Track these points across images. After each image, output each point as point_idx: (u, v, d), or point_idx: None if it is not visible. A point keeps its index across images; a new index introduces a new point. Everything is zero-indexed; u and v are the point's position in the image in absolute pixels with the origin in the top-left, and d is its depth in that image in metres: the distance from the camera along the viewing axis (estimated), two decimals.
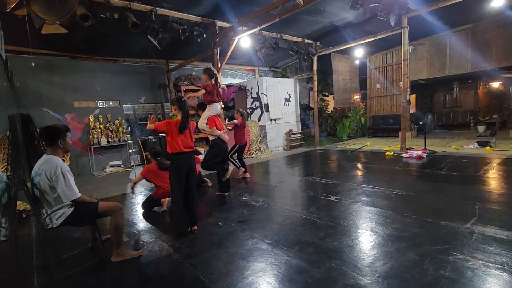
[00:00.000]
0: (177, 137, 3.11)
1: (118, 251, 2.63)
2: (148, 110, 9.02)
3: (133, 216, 3.87)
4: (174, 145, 3.10)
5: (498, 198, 3.59)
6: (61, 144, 2.44)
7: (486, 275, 2.00)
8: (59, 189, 2.31)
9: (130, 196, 4.98)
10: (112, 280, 2.34)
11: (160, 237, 3.11)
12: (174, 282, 2.22)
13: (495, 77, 11.07)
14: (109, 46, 7.08)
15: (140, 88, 8.52)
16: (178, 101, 3.16)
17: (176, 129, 3.10)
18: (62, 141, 2.45)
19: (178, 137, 3.11)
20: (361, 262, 2.29)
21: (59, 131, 2.45)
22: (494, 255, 2.23)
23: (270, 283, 2.09)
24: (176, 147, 3.09)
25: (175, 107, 3.18)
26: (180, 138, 3.12)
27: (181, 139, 3.13)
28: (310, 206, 3.78)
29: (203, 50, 7.27)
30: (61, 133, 2.45)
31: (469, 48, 8.61)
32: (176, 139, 3.11)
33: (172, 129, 3.11)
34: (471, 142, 7.49)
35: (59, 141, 2.43)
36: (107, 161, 7.75)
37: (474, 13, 7.41)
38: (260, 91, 9.00)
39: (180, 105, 3.15)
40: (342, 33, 8.00)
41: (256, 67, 11.34)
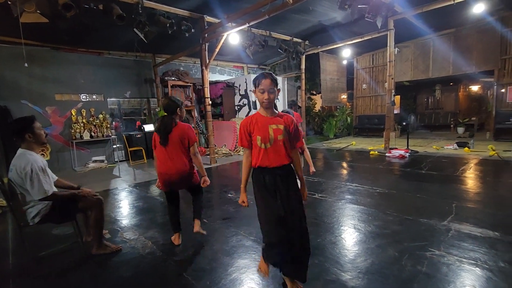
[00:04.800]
0: (164, 152, 2.50)
1: (98, 244, 2.62)
2: (133, 105, 8.83)
3: (116, 213, 3.80)
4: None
5: (474, 197, 3.75)
6: (29, 137, 2.29)
7: (460, 270, 2.09)
8: (28, 186, 2.21)
9: (113, 192, 4.87)
10: (93, 278, 2.29)
11: (143, 234, 3.06)
12: (157, 279, 2.20)
13: (475, 80, 11.50)
14: (94, 38, 6.85)
15: (126, 82, 8.31)
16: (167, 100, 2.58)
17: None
18: (30, 134, 2.29)
19: (164, 152, 2.50)
20: (343, 258, 2.34)
21: (23, 124, 2.28)
22: (468, 251, 2.33)
23: (253, 280, 2.11)
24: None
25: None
26: (166, 154, 2.49)
27: (168, 155, 2.49)
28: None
29: (191, 45, 7.17)
30: (26, 126, 2.28)
31: (452, 51, 8.89)
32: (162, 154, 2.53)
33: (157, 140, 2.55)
34: (451, 143, 7.77)
35: (26, 134, 2.27)
36: (90, 157, 7.55)
37: (457, 18, 7.65)
38: (248, 88, 8.99)
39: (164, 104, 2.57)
40: (330, 33, 8.08)
41: (245, 64, 11.29)
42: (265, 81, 1.77)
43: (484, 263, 2.15)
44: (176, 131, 2.48)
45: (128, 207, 4.05)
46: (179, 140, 2.49)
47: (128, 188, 5.12)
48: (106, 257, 2.56)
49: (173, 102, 2.54)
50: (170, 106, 2.53)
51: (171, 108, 2.53)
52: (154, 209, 3.90)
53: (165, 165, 2.50)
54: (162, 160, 2.51)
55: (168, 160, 2.49)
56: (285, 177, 1.87)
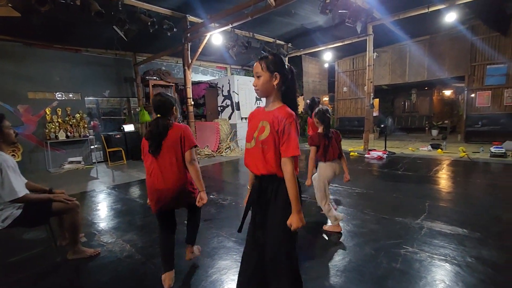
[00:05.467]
0: (155, 162, 1.98)
1: (75, 249, 2.52)
2: (113, 104, 8.57)
3: (93, 216, 3.67)
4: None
5: (445, 196, 3.95)
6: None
7: (431, 266, 2.19)
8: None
9: (90, 194, 4.71)
10: (68, 283, 2.21)
11: (121, 237, 2.98)
12: (135, 283, 2.15)
13: (448, 85, 12.11)
14: (70, 35, 6.60)
15: (104, 80, 8.06)
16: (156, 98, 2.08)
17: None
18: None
19: (155, 163, 1.98)
20: (322, 258, 2.40)
21: None
22: (439, 248, 2.45)
23: (234, 280, 2.11)
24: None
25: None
26: (158, 164, 1.97)
27: (160, 166, 1.96)
28: None
29: (173, 44, 7.07)
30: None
31: (426, 57, 9.32)
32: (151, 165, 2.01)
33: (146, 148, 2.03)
34: (425, 145, 8.12)
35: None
36: (65, 157, 7.24)
37: (431, 25, 8.02)
38: (231, 89, 8.97)
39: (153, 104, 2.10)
40: (313, 36, 8.25)
41: (228, 65, 11.28)
42: (255, 65, 1.45)
43: (453, 259, 2.27)
44: (171, 135, 1.96)
45: (106, 210, 3.93)
46: (175, 145, 1.96)
47: (106, 190, 4.97)
48: (82, 262, 2.47)
49: (167, 99, 2.04)
50: (164, 105, 2.03)
51: (165, 107, 2.03)
52: (132, 212, 3.81)
53: (156, 178, 1.95)
54: (153, 173, 1.97)
55: (160, 173, 1.95)
56: (262, 193, 1.47)
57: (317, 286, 2.01)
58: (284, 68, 1.43)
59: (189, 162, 2.01)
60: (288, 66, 1.48)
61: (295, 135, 1.35)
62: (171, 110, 2.05)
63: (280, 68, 1.42)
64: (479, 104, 8.70)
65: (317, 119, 2.81)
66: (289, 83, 1.46)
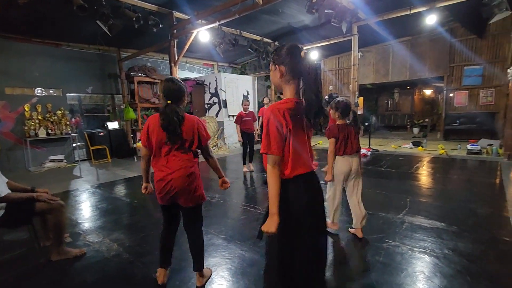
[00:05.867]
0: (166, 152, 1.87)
1: (59, 250, 2.46)
2: (96, 101, 8.33)
3: (77, 215, 3.59)
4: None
5: (425, 191, 4.13)
6: None
7: (411, 258, 2.31)
8: None
9: (74, 193, 4.59)
10: (52, 285, 2.17)
11: (108, 236, 2.94)
12: (123, 282, 2.14)
13: (428, 85, 12.55)
14: (51, 28, 6.36)
15: (87, 76, 7.82)
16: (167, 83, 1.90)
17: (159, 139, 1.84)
18: None
19: (165, 152, 1.87)
20: None
21: None
22: (419, 241, 2.58)
23: (223, 277, 2.14)
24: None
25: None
26: (168, 154, 1.87)
27: (170, 156, 1.87)
28: (265, 202, 3.91)
29: (159, 40, 6.95)
30: None
31: (408, 58, 9.62)
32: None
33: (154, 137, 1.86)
34: (407, 142, 8.41)
35: None
36: (46, 156, 7.00)
37: (413, 27, 8.28)
38: (218, 86, 8.94)
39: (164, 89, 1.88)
40: (299, 35, 8.32)
41: (215, 62, 11.20)
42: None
43: (432, 251, 2.39)
44: (186, 125, 1.85)
45: (91, 209, 3.85)
46: (187, 136, 1.86)
47: (91, 189, 4.86)
48: (67, 262, 2.42)
49: (180, 86, 1.89)
50: (175, 92, 1.86)
51: (178, 94, 1.87)
52: (119, 211, 3.76)
53: (167, 167, 1.86)
54: (162, 162, 1.87)
55: (172, 162, 1.86)
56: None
57: None
58: (288, 59, 1.29)
59: (209, 156, 1.99)
60: (298, 55, 1.28)
61: (267, 132, 1.25)
62: (182, 98, 1.91)
63: (283, 60, 1.30)
64: (457, 103, 9.08)
65: (339, 112, 2.63)
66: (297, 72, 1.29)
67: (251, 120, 5.71)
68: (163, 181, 1.85)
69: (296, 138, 1.29)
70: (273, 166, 1.25)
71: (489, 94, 8.51)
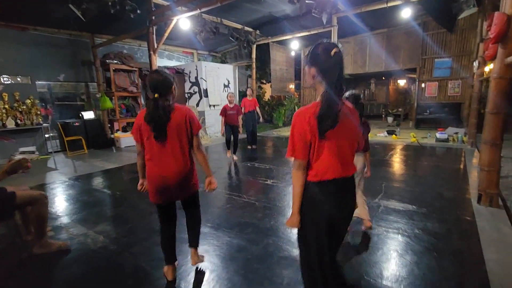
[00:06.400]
0: (158, 148, 1.81)
1: (42, 243, 2.42)
2: (68, 89, 7.92)
3: (57, 209, 3.50)
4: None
5: (398, 177, 4.43)
6: None
7: (386, 238, 2.51)
8: None
9: (50, 186, 4.43)
10: (39, 279, 2.15)
11: (92, 228, 2.91)
12: (112, 272, 2.17)
13: (402, 76, 13.10)
14: (16, 11, 5.90)
15: (58, 63, 7.39)
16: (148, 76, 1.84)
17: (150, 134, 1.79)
18: None
19: (158, 148, 1.81)
20: (293, 237, 2.60)
21: None
22: (393, 223, 2.80)
23: (213, 263, 2.23)
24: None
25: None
26: (161, 150, 1.81)
27: (164, 152, 1.82)
28: (249, 190, 4.02)
29: (136, 27, 6.67)
30: None
31: (384, 49, 9.96)
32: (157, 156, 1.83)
33: (144, 133, 1.81)
34: (382, 131, 8.82)
35: None
36: (16, 147, 6.60)
37: (389, 20, 8.55)
38: (199, 75, 8.79)
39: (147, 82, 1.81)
40: (280, 24, 8.34)
41: (195, 50, 10.95)
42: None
43: (404, 231, 2.62)
44: (175, 118, 1.78)
45: (71, 202, 3.75)
46: (178, 129, 1.79)
47: (69, 181, 4.70)
48: (51, 256, 2.39)
49: (166, 77, 1.80)
50: (163, 84, 1.78)
51: (165, 86, 1.79)
52: (101, 203, 3.70)
53: (160, 165, 1.81)
54: (155, 159, 1.82)
55: (164, 158, 1.81)
56: None
57: (289, 258, 2.20)
58: (318, 59, 1.26)
59: (197, 148, 1.91)
60: (327, 54, 1.24)
61: (291, 137, 1.28)
62: (170, 89, 1.82)
63: (313, 61, 1.28)
64: (428, 94, 9.60)
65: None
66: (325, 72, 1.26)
67: (236, 114, 5.73)
68: (159, 177, 1.81)
69: (325, 143, 1.25)
70: (297, 169, 1.28)
71: (456, 86, 9.07)
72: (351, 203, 1.38)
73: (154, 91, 1.76)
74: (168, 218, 2.01)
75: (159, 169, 1.81)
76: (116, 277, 2.11)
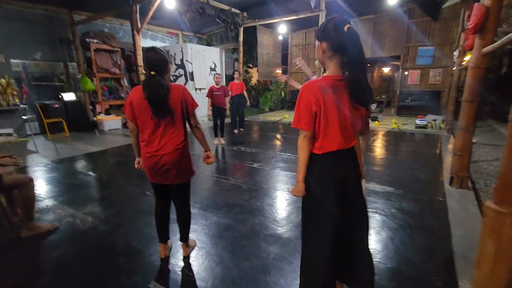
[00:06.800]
0: (154, 126, 1.80)
1: (30, 225, 2.43)
2: (45, 69, 7.55)
3: (42, 191, 3.45)
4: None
5: (379, 161, 4.64)
6: None
7: None
8: None
9: (33, 169, 4.34)
10: (30, 260, 2.17)
11: (80, 210, 2.92)
12: (104, 251, 2.22)
13: (386, 63, 13.33)
14: None
15: (35, 41, 7.00)
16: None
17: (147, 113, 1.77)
18: None
19: (153, 126, 1.80)
20: (279, 216, 2.74)
21: None
22: (372, 203, 2.98)
23: (202, 241, 2.32)
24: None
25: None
26: (157, 129, 1.81)
27: (160, 131, 1.81)
28: (236, 173, 4.11)
29: (118, 4, 6.39)
30: None
31: (370, 36, 10.04)
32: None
33: (141, 111, 1.78)
34: None
35: None
36: None
37: (376, 6, 8.61)
38: (184, 58, 8.60)
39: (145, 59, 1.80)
40: (268, 7, 8.21)
41: (180, 31, 10.62)
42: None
43: (382, 211, 2.81)
44: (172, 97, 1.77)
45: (56, 184, 3.71)
46: (174, 108, 1.79)
47: (52, 164, 4.61)
48: (40, 237, 2.41)
49: (163, 56, 1.77)
50: (159, 62, 1.75)
51: (162, 65, 1.76)
52: (88, 185, 3.68)
53: (155, 143, 1.81)
54: (150, 138, 1.81)
55: (160, 137, 1.80)
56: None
57: (274, 236, 2.33)
58: (330, 34, 1.26)
59: (195, 126, 1.94)
60: (340, 30, 1.23)
61: (297, 108, 1.31)
62: (166, 68, 1.80)
63: (324, 35, 1.28)
64: (410, 81, 9.86)
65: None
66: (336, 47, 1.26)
67: (222, 94, 5.70)
68: (154, 157, 1.81)
69: (330, 115, 1.27)
70: (303, 138, 1.32)
71: (438, 74, 9.36)
72: (355, 171, 1.39)
73: (150, 68, 1.73)
74: (162, 196, 2.04)
75: (154, 148, 1.81)
76: (107, 255, 2.17)
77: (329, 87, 1.25)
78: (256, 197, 3.19)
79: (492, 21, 2.71)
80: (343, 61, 1.27)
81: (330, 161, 1.32)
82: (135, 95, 1.76)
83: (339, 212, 1.33)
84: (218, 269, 1.97)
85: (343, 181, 1.33)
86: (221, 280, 1.85)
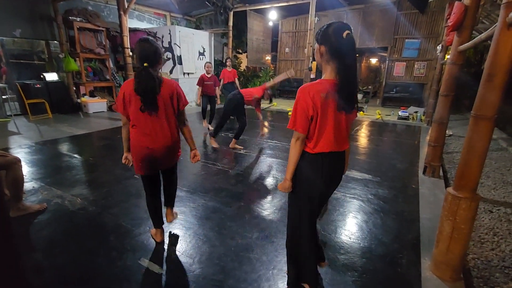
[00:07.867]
0: (146, 120, 1.80)
1: (19, 206, 2.47)
2: (24, 47, 7.24)
3: (28, 173, 3.45)
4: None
5: (361, 150, 4.85)
6: None
7: (344, 202, 2.88)
8: None
9: (16, 151, 4.28)
10: (20, 239, 2.23)
11: (68, 191, 2.97)
12: (95, 230, 2.30)
13: (374, 54, 13.50)
14: None
15: (14, 17, 6.65)
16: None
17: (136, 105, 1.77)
18: None
19: (145, 120, 1.80)
20: (263, 200, 2.89)
21: None
22: (351, 189, 3.18)
23: (190, 222, 2.45)
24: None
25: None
26: (149, 122, 1.81)
27: (152, 124, 1.82)
28: (223, 159, 4.21)
29: None
30: None
31: (360, 26, 10.12)
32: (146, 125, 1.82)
33: (131, 102, 1.78)
34: None
35: None
36: None
37: None
38: (172, 41, 8.43)
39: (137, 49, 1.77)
40: None
41: (168, 12, 10.31)
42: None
43: (359, 196, 3.01)
44: (164, 91, 1.78)
45: (41, 166, 3.70)
46: (166, 102, 1.81)
47: (36, 146, 4.55)
48: (30, 217, 2.45)
49: (157, 47, 1.77)
50: (152, 54, 1.75)
51: (155, 57, 1.77)
52: (75, 167, 3.70)
53: (148, 137, 1.82)
54: (142, 131, 1.81)
55: (153, 130, 1.81)
56: None
57: (258, 218, 2.48)
58: (329, 39, 1.29)
59: (183, 123, 1.99)
60: (339, 35, 1.27)
61: (294, 110, 1.36)
62: (159, 60, 1.81)
63: (324, 39, 1.31)
64: (396, 73, 10.10)
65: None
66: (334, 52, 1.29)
67: (213, 84, 5.72)
68: (146, 150, 1.83)
69: (325, 120, 1.34)
70: (296, 140, 1.38)
71: (422, 67, 9.63)
72: (340, 172, 1.53)
73: (143, 60, 1.73)
74: (154, 186, 2.05)
75: (146, 142, 1.82)
76: (97, 234, 2.25)
77: (325, 91, 1.30)
78: (242, 182, 3.32)
79: (469, 20, 2.86)
80: (339, 66, 1.31)
81: (321, 162, 1.40)
82: (127, 89, 1.76)
83: (319, 205, 1.55)
84: (204, 247, 2.10)
85: (330, 181, 1.48)
86: (208, 257, 1.99)
